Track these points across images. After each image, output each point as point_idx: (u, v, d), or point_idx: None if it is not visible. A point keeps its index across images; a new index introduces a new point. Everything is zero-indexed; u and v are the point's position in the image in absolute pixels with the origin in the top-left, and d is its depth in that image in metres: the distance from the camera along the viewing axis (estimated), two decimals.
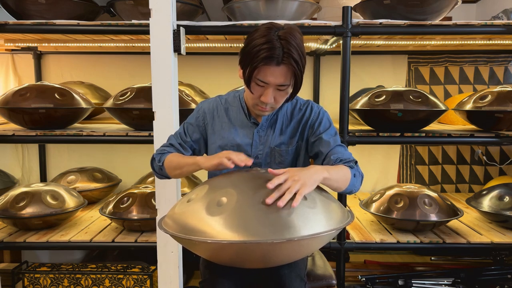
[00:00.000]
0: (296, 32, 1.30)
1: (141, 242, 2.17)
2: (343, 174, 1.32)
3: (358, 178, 1.37)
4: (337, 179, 1.29)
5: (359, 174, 1.39)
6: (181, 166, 1.41)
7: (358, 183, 1.38)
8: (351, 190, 1.37)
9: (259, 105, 1.37)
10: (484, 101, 2.22)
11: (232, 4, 2.26)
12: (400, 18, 2.16)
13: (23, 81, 3.05)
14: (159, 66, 1.95)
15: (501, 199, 2.29)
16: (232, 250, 1.10)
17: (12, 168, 3.06)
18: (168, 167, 1.46)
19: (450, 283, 2.49)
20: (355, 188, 1.38)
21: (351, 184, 1.34)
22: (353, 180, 1.34)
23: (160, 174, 1.52)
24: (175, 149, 1.51)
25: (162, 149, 1.52)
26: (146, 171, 2.90)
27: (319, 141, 1.44)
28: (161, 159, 1.48)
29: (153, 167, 1.54)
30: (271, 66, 1.27)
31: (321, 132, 1.45)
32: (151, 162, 1.54)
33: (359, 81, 2.98)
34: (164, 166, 1.47)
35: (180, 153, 1.51)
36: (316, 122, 1.47)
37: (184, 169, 1.41)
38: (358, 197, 2.93)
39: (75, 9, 2.28)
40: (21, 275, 2.38)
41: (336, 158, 1.39)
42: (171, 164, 1.45)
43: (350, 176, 1.33)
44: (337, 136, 1.47)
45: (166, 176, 1.51)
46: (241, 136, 1.49)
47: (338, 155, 1.39)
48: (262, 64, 1.27)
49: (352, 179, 1.34)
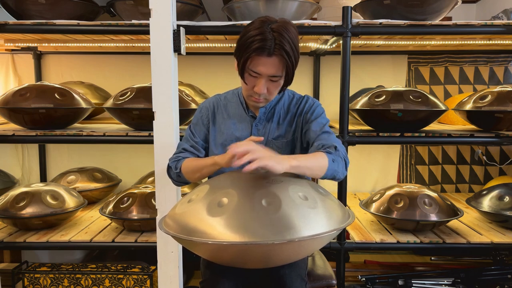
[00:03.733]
0: (290, 26, 1.33)
1: (141, 242, 2.18)
2: (315, 161, 1.28)
3: (338, 163, 1.32)
4: (310, 166, 1.26)
5: (340, 159, 1.34)
6: (200, 169, 1.41)
7: (339, 168, 1.32)
8: (333, 175, 1.32)
9: (253, 96, 1.40)
10: (484, 101, 2.22)
11: (232, 4, 2.26)
12: (400, 18, 2.16)
13: (23, 81, 3.05)
14: (159, 66, 1.95)
15: (501, 199, 2.29)
16: (233, 251, 1.10)
17: (12, 168, 3.05)
18: (186, 172, 1.46)
19: (450, 283, 2.49)
20: (337, 174, 1.33)
21: (330, 169, 1.29)
22: (332, 165, 1.30)
23: (178, 181, 1.52)
24: (189, 153, 1.51)
25: (176, 156, 1.52)
26: (146, 171, 2.90)
27: (308, 130, 1.45)
28: (178, 165, 1.47)
29: (170, 176, 1.53)
30: (263, 57, 1.30)
31: (311, 121, 1.45)
32: (167, 171, 1.53)
33: (359, 81, 2.97)
34: (181, 172, 1.46)
35: (194, 155, 1.51)
36: (309, 113, 1.48)
37: (204, 170, 1.40)
38: (358, 197, 2.93)
39: (75, 9, 2.28)
40: (21, 275, 2.38)
41: (318, 144, 1.37)
42: (188, 169, 1.45)
43: (326, 162, 1.29)
44: (326, 126, 1.44)
45: (184, 182, 1.51)
46: (240, 130, 1.51)
47: (322, 141, 1.38)
48: (254, 54, 1.30)
49: (330, 164, 1.29)
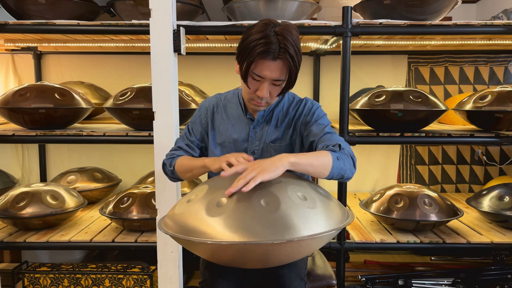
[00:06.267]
0: (293, 28, 1.31)
1: (141, 242, 2.18)
2: (319, 158, 1.25)
3: (345, 161, 1.28)
4: (312, 163, 1.23)
5: (346, 156, 1.30)
6: (191, 169, 1.43)
7: (346, 166, 1.28)
8: (340, 174, 1.28)
9: (255, 99, 1.39)
10: (484, 101, 2.22)
11: (232, 4, 2.26)
12: (400, 18, 2.16)
13: (23, 81, 3.05)
14: (159, 66, 1.95)
15: (501, 199, 2.29)
16: (232, 251, 1.10)
17: (12, 168, 3.05)
18: (179, 171, 1.48)
19: (450, 283, 2.49)
20: (345, 172, 1.28)
21: (336, 167, 1.26)
22: (338, 163, 1.26)
23: (172, 177, 1.54)
24: (184, 151, 1.53)
25: (171, 153, 1.54)
26: (146, 171, 2.90)
27: (310, 133, 1.43)
28: (172, 163, 1.50)
29: (165, 172, 1.55)
30: (267, 61, 1.29)
31: (312, 124, 1.44)
32: (162, 168, 1.56)
33: (359, 81, 2.98)
34: (175, 170, 1.49)
35: (189, 154, 1.53)
36: (308, 116, 1.46)
37: (194, 171, 1.43)
38: (358, 197, 2.93)
39: (75, 9, 2.28)
40: (21, 275, 2.38)
41: (322, 145, 1.34)
42: (181, 168, 1.47)
43: (331, 160, 1.25)
44: (327, 127, 1.42)
45: (178, 179, 1.53)
46: (237, 132, 1.50)
47: (326, 142, 1.35)
48: (259, 58, 1.28)
49: (335, 162, 1.26)
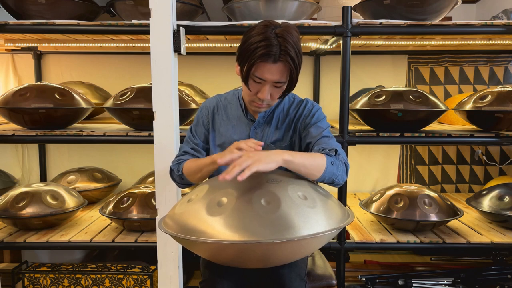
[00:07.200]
0: (293, 30, 1.31)
1: (141, 242, 2.17)
2: (313, 160, 1.25)
3: (338, 166, 1.29)
4: (305, 164, 1.23)
5: (340, 163, 1.31)
6: (200, 169, 1.41)
7: (339, 172, 1.29)
8: (331, 179, 1.29)
9: (256, 101, 1.39)
10: (484, 101, 2.22)
11: (232, 4, 2.26)
12: (400, 18, 2.16)
13: (23, 81, 3.05)
14: (159, 66, 1.95)
15: (501, 199, 2.29)
16: (232, 250, 1.10)
17: (12, 168, 3.05)
18: (188, 174, 1.46)
19: (450, 283, 2.49)
20: (336, 177, 1.30)
21: (328, 171, 1.27)
22: (331, 168, 1.27)
23: (181, 183, 1.52)
24: (190, 155, 1.52)
25: (177, 159, 1.53)
26: (146, 171, 2.90)
27: (308, 134, 1.43)
28: (179, 168, 1.48)
29: (173, 179, 1.54)
30: (268, 63, 1.28)
31: (311, 126, 1.44)
32: (170, 174, 1.54)
33: (359, 81, 2.98)
34: (183, 174, 1.47)
35: (195, 157, 1.51)
36: (308, 117, 1.46)
37: (204, 170, 1.40)
38: (358, 197, 2.93)
39: (75, 9, 2.28)
40: (21, 275, 2.38)
41: (319, 148, 1.35)
42: (189, 170, 1.45)
43: (325, 163, 1.26)
44: (326, 130, 1.43)
45: (188, 184, 1.51)
46: (238, 133, 1.50)
47: (322, 145, 1.36)
48: (260, 61, 1.28)
49: (329, 166, 1.26)
